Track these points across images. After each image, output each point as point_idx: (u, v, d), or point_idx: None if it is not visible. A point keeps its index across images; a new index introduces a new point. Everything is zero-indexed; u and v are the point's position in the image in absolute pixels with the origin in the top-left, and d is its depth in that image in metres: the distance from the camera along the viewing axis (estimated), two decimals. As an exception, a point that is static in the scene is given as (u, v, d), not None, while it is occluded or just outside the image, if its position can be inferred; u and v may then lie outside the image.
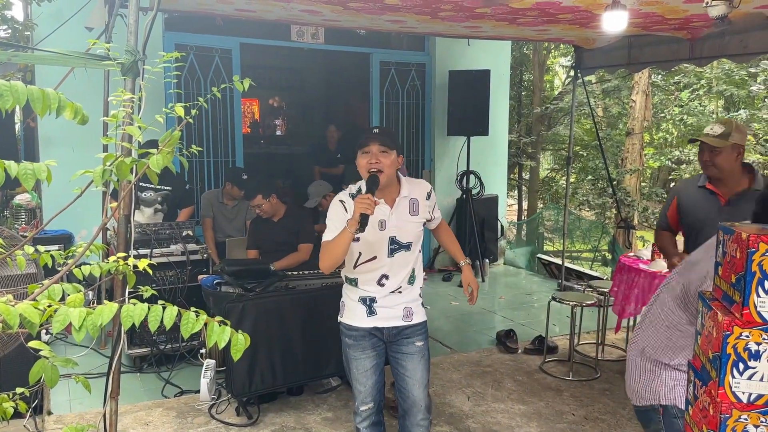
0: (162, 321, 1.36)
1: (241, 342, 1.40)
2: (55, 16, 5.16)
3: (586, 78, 6.67)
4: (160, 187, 5.25)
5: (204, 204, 5.74)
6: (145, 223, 4.86)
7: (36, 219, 5.61)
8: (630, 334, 5.10)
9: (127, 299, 1.47)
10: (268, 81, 10.80)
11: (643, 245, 10.02)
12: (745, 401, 1.59)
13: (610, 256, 9.20)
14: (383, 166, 2.56)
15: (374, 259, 2.66)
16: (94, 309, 1.31)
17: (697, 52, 5.04)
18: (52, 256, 1.78)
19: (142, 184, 5.03)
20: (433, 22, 4.74)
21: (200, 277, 4.47)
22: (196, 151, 1.99)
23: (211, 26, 6.16)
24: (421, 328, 2.77)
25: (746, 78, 11.82)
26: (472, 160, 7.51)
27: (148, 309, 1.36)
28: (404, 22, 4.82)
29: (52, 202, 5.58)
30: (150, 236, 4.67)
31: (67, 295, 1.45)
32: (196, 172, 6.57)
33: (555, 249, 10.24)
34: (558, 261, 7.64)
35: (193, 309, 1.41)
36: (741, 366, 1.58)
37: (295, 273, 4.20)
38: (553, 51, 14.50)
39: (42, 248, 1.77)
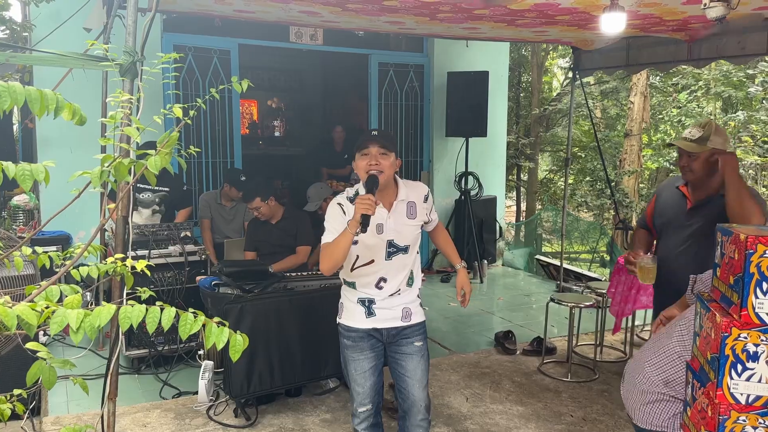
0: (160, 322, 1.36)
1: (239, 343, 1.40)
2: (54, 17, 5.15)
3: (585, 79, 6.67)
4: (158, 188, 5.25)
5: (202, 205, 5.73)
6: (143, 224, 4.86)
7: (34, 220, 5.60)
8: (629, 335, 5.10)
9: (125, 300, 1.46)
10: (267, 82, 10.81)
11: (642, 246, 10.01)
12: (743, 402, 1.59)
13: (608, 258, 9.21)
14: (382, 167, 2.56)
15: (372, 262, 2.66)
16: (92, 310, 1.31)
17: (695, 54, 5.05)
18: (50, 257, 1.77)
19: (140, 186, 5.02)
20: (432, 23, 4.74)
21: (198, 278, 4.47)
22: (195, 152, 1.99)
23: (210, 27, 6.16)
24: (420, 328, 2.78)
25: (744, 79, 11.84)
26: (470, 162, 7.51)
27: (146, 310, 1.36)
28: (403, 23, 4.82)
29: (50, 203, 5.58)
30: (148, 237, 4.66)
31: (64, 296, 1.45)
32: (195, 173, 6.56)
33: (553, 250, 10.25)
34: (556, 262, 7.64)
35: (191, 310, 1.41)
36: (739, 367, 1.58)
37: (293, 274, 4.20)
38: (551, 52, 14.52)
39: (40, 249, 1.76)
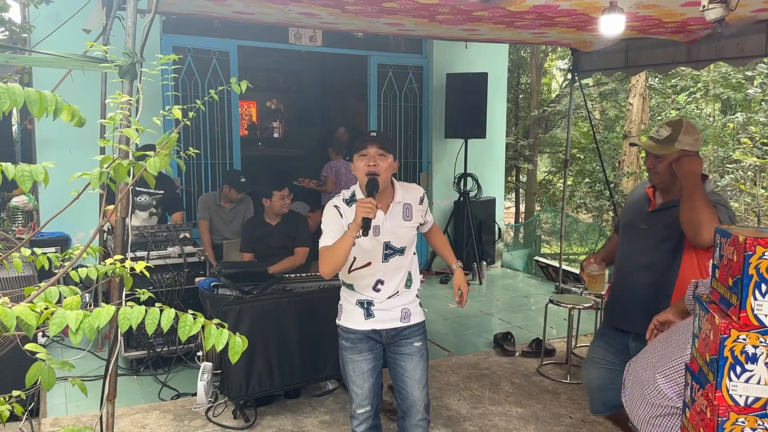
0: (159, 324, 1.36)
1: (239, 344, 1.40)
2: (53, 18, 5.15)
3: (584, 81, 6.69)
4: (155, 191, 5.25)
5: (201, 206, 5.72)
6: (141, 226, 4.85)
7: (33, 221, 5.60)
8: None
9: (124, 302, 1.46)
10: (266, 83, 10.81)
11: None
12: (742, 404, 1.59)
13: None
14: (380, 169, 2.56)
15: (369, 265, 2.66)
16: (91, 311, 1.31)
17: (694, 56, 5.05)
18: (49, 259, 1.77)
19: (137, 189, 5.03)
20: (431, 24, 4.75)
21: (197, 279, 4.47)
22: (194, 154, 1.99)
23: (209, 29, 6.16)
24: (419, 328, 2.78)
25: (743, 81, 11.86)
26: (469, 163, 7.51)
27: (146, 312, 1.36)
28: (402, 24, 4.82)
29: (50, 204, 5.57)
30: (147, 239, 4.66)
31: (63, 297, 1.45)
32: (194, 174, 6.56)
33: (552, 251, 10.25)
34: (555, 263, 7.64)
35: (190, 311, 1.41)
36: (738, 369, 1.58)
37: (292, 275, 4.20)
38: (550, 54, 14.53)
39: (39, 250, 1.76)
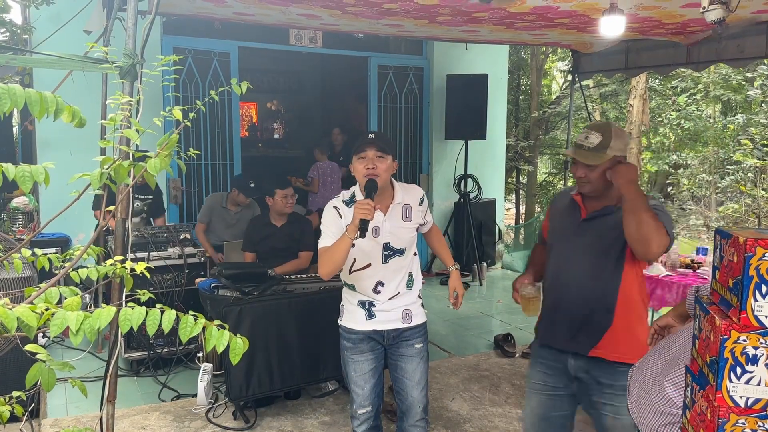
0: (160, 325, 1.36)
1: (239, 346, 1.40)
2: (54, 19, 5.16)
3: (584, 82, 6.70)
4: (145, 196, 5.28)
5: (205, 207, 5.70)
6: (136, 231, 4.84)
7: (33, 222, 5.60)
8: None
9: (124, 303, 1.46)
10: (267, 84, 10.83)
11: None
12: (742, 405, 1.59)
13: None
14: (379, 171, 2.57)
15: (369, 266, 2.66)
16: (91, 312, 1.31)
17: (694, 57, 5.06)
18: (49, 259, 1.77)
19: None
20: (431, 26, 4.75)
21: (198, 280, 4.47)
22: (194, 155, 1.99)
23: (210, 30, 6.17)
24: (420, 330, 2.78)
25: (743, 82, 11.86)
26: (469, 164, 7.51)
27: (147, 313, 1.36)
28: (402, 26, 4.82)
29: (50, 205, 5.58)
30: (147, 240, 4.66)
31: (64, 298, 1.45)
32: (194, 175, 6.57)
33: (553, 253, 10.22)
34: (556, 265, 7.62)
35: (191, 312, 1.41)
36: (739, 370, 1.58)
37: (292, 277, 4.20)
38: (551, 55, 14.53)
39: (39, 251, 1.76)
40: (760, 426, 1.58)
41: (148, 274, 1.80)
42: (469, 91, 7.21)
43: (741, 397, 1.59)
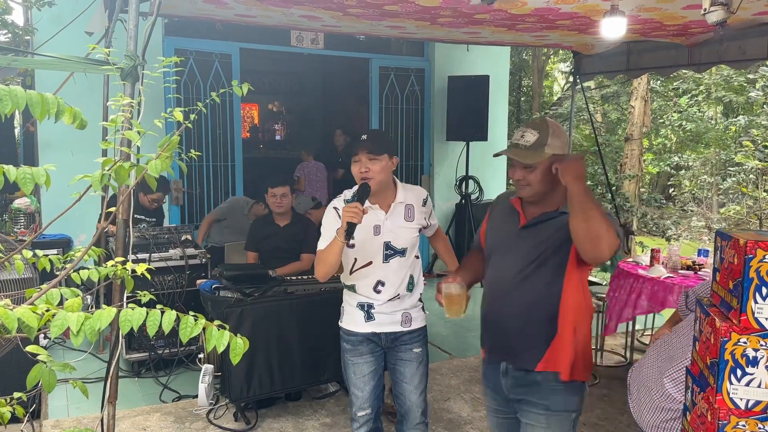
0: (161, 325, 1.36)
1: (240, 346, 1.40)
2: (55, 20, 5.17)
3: (585, 84, 6.68)
4: (149, 218, 5.32)
5: (226, 206, 5.71)
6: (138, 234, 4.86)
7: (35, 223, 5.60)
8: (629, 340, 5.09)
9: (125, 304, 1.46)
10: (268, 86, 10.84)
11: (642, 251, 10.04)
12: (742, 407, 1.59)
13: (609, 262, 9.19)
14: (373, 173, 2.57)
15: (369, 264, 2.66)
16: (92, 313, 1.31)
17: (696, 58, 5.06)
18: (50, 261, 1.78)
19: (136, 216, 5.07)
20: (433, 27, 4.75)
21: (198, 281, 4.47)
22: (195, 156, 2.00)
23: (211, 31, 6.18)
24: (419, 334, 2.77)
25: (745, 84, 11.86)
26: (471, 166, 7.51)
27: (147, 313, 1.36)
28: (404, 27, 4.83)
29: (51, 206, 5.58)
30: (149, 241, 4.67)
31: (65, 299, 1.45)
32: (195, 176, 6.57)
33: (554, 254, 10.21)
34: (557, 266, 7.62)
35: (191, 313, 1.41)
36: (739, 372, 1.58)
37: (293, 278, 4.20)
38: (552, 57, 14.54)
39: (41, 252, 1.77)
40: (760, 428, 1.58)
41: (149, 276, 1.80)
42: (471, 93, 7.21)
43: (741, 399, 1.59)
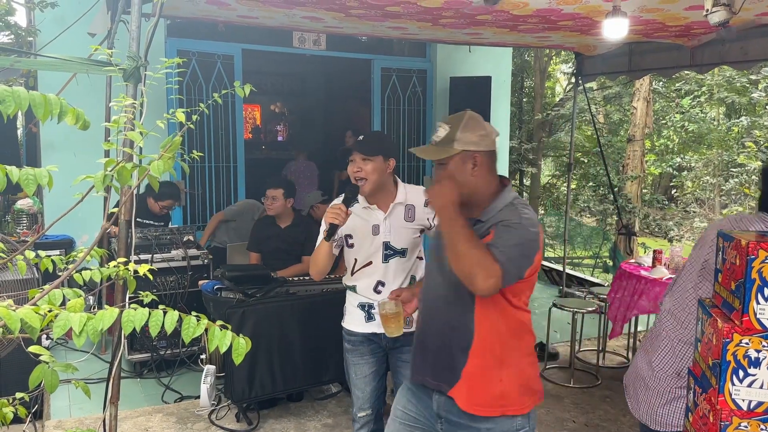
0: (163, 326, 1.36)
1: (242, 346, 1.40)
2: (58, 22, 5.18)
3: (587, 85, 6.69)
4: (157, 223, 5.33)
5: (237, 207, 5.73)
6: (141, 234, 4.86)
7: (38, 224, 5.62)
8: (631, 341, 5.09)
9: (127, 304, 1.47)
10: (270, 87, 10.85)
11: (644, 252, 10.05)
12: (745, 409, 1.59)
13: (611, 263, 9.21)
14: (365, 173, 2.58)
15: (369, 264, 2.67)
16: (94, 314, 1.31)
17: (698, 59, 5.05)
18: (53, 261, 1.78)
19: (145, 221, 5.09)
20: (435, 28, 4.76)
21: (201, 282, 4.47)
22: (197, 157, 2.00)
23: (213, 32, 6.19)
24: (420, 335, 2.77)
25: (747, 85, 11.85)
26: (473, 167, 7.50)
27: (149, 314, 1.36)
28: (406, 28, 4.83)
29: (54, 207, 5.59)
30: (151, 241, 4.67)
31: (67, 299, 1.45)
32: (198, 177, 6.58)
33: (556, 255, 10.23)
34: (559, 267, 7.62)
35: (194, 314, 1.41)
36: (741, 373, 1.58)
37: (295, 279, 4.20)
38: (554, 58, 14.54)
39: (43, 253, 1.77)
40: (762, 429, 1.58)
41: (151, 276, 1.81)
42: (473, 94, 7.20)
43: (743, 400, 1.59)
